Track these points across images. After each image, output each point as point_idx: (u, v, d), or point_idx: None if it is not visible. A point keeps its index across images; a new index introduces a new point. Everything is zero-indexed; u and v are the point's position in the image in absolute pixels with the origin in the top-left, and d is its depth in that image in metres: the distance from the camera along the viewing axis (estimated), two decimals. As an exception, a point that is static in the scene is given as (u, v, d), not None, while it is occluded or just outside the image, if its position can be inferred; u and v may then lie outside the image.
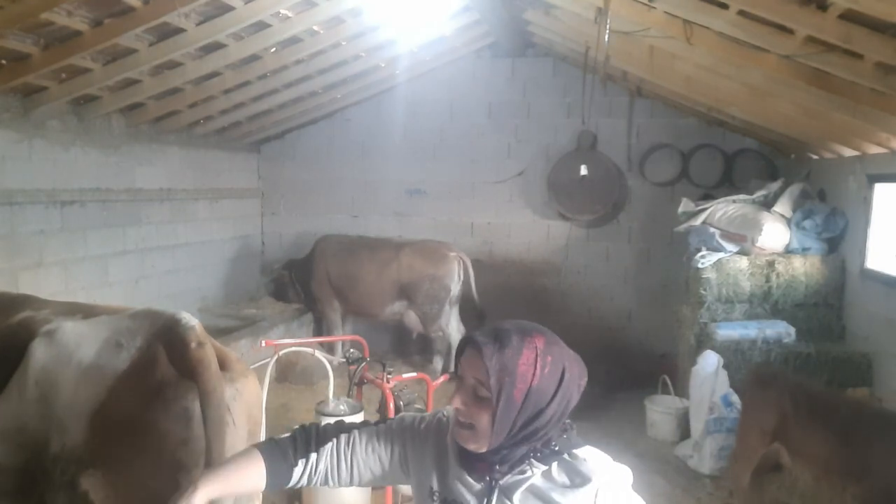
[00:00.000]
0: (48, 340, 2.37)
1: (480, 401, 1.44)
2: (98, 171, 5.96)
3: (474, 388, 1.45)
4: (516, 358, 1.41)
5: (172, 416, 2.25)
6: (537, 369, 1.42)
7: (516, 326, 1.48)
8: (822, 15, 3.42)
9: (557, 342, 1.48)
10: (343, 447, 1.65)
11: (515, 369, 1.41)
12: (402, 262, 7.08)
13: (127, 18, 4.34)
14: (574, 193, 7.65)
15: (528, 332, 1.46)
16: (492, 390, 1.41)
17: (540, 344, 1.44)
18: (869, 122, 4.45)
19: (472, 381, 1.45)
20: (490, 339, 1.44)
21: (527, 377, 1.41)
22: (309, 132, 8.51)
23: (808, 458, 3.66)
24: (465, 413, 1.46)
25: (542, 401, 1.43)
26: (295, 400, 6.50)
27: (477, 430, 1.45)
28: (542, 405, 1.43)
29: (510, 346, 1.42)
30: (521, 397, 1.41)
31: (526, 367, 1.41)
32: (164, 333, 2.34)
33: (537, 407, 1.43)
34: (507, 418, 1.42)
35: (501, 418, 1.41)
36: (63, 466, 2.23)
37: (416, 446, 1.65)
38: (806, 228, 5.76)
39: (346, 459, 1.65)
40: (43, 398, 2.29)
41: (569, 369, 1.45)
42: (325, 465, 1.64)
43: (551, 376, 1.43)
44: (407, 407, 4.44)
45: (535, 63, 7.85)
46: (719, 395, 5.01)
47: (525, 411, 1.42)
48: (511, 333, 1.45)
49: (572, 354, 1.50)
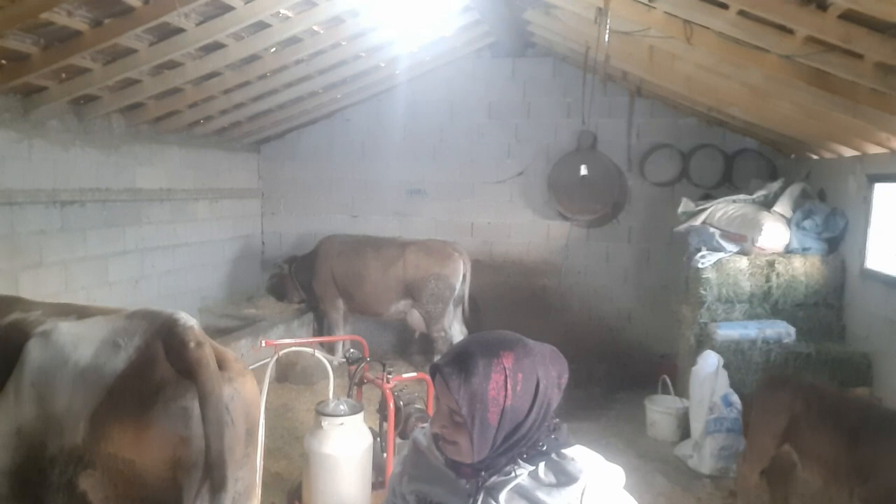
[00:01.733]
0: (44, 341, 2.36)
1: (457, 425, 1.43)
2: (98, 171, 5.96)
3: (450, 413, 1.44)
4: (485, 384, 1.39)
5: (171, 415, 2.25)
6: (508, 390, 1.40)
7: (482, 347, 1.44)
8: (822, 15, 3.42)
9: (528, 352, 1.45)
10: None
11: (486, 395, 1.39)
12: (408, 261, 7.08)
13: (127, 18, 4.34)
14: (574, 193, 7.65)
15: (494, 351, 1.42)
16: (465, 418, 1.40)
17: (508, 363, 1.41)
18: (869, 122, 4.45)
19: (447, 407, 1.44)
20: (455, 369, 1.41)
21: (498, 400, 1.39)
22: (309, 132, 8.52)
23: (817, 459, 3.67)
24: (447, 433, 1.47)
25: (519, 416, 1.42)
26: (295, 400, 6.51)
27: (460, 447, 1.45)
28: (519, 419, 1.42)
29: (476, 374, 1.39)
30: (496, 419, 1.40)
31: (496, 391, 1.39)
32: (163, 333, 2.34)
33: (514, 422, 1.42)
34: (485, 439, 1.41)
35: (479, 440, 1.41)
36: (61, 467, 2.23)
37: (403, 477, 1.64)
38: (806, 228, 5.76)
39: None
40: (40, 399, 2.29)
41: (544, 377, 1.43)
42: None
43: (525, 392, 1.41)
44: (407, 407, 4.45)
45: (535, 63, 7.85)
46: (719, 395, 5.01)
47: (503, 429, 1.42)
48: (476, 359, 1.41)
49: (548, 356, 1.47)
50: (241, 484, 2.50)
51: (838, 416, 3.60)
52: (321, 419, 4.05)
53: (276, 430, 5.55)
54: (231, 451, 2.33)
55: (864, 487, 3.32)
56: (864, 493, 3.32)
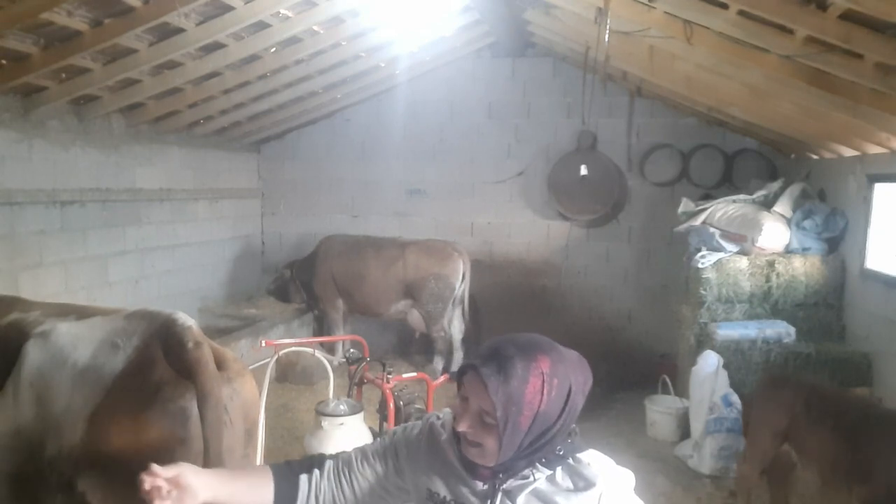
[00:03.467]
0: (42, 342, 2.36)
1: (486, 426, 1.42)
2: (98, 171, 5.96)
3: (479, 414, 1.43)
4: (523, 388, 1.38)
5: (170, 416, 2.25)
6: (544, 395, 1.39)
7: (519, 350, 1.43)
8: (822, 15, 3.41)
9: (562, 357, 1.45)
10: (341, 465, 1.68)
11: (522, 399, 1.38)
12: (408, 261, 7.09)
13: (127, 18, 4.34)
14: (574, 193, 7.65)
15: (532, 355, 1.41)
16: (498, 420, 1.39)
17: (546, 367, 1.40)
18: (869, 122, 4.44)
19: (477, 407, 1.43)
20: (494, 370, 1.39)
21: (534, 405, 1.39)
22: (309, 132, 8.51)
23: (817, 459, 3.67)
24: (472, 434, 1.45)
25: (549, 421, 1.42)
26: (295, 400, 6.50)
27: (484, 449, 1.44)
28: (548, 424, 1.42)
29: (515, 377, 1.38)
30: (528, 423, 1.40)
31: (533, 395, 1.39)
32: (161, 334, 2.34)
33: (544, 427, 1.42)
34: (513, 442, 1.41)
35: (508, 443, 1.41)
36: (60, 468, 2.23)
37: (410, 452, 1.65)
38: (806, 228, 5.75)
39: (346, 476, 1.67)
40: (38, 400, 2.29)
41: (574, 383, 1.43)
42: (327, 484, 1.66)
43: (558, 397, 1.42)
44: (407, 407, 4.45)
45: (535, 63, 7.85)
46: (719, 395, 5.01)
47: (532, 433, 1.42)
48: (515, 361, 1.40)
49: (576, 362, 1.47)
50: (240, 484, 2.49)
51: (838, 415, 3.60)
52: (321, 419, 4.05)
53: (276, 430, 5.55)
54: (230, 451, 2.32)
55: (863, 487, 3.32)
56: (864, 492, 3.32)
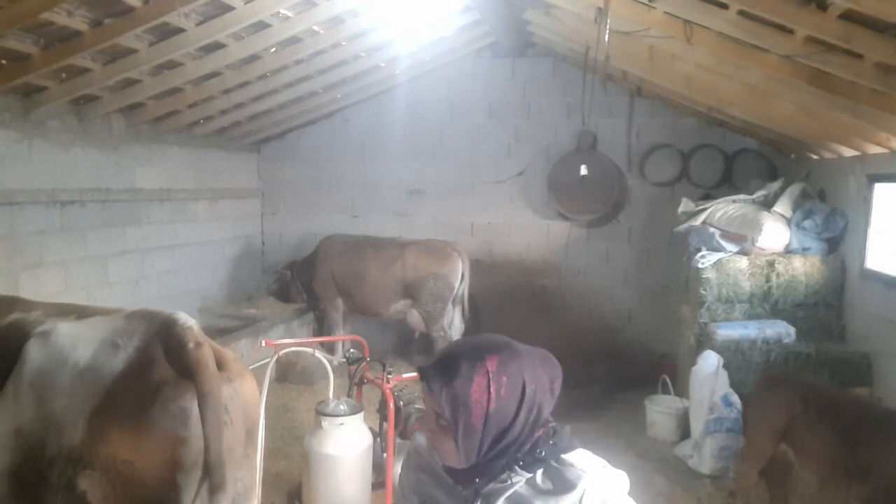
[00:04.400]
0: (43, 342, 2.36)
1: (443, 428, 1.44)
2: (98, 171, 5.96)
3: (435, 417, 1.45)
4: (467, 387, 1.38)
5: (170, 416, 2.25)
6: (491, 393, 1.39)
7: (467, 350, 1.44)
8: (822, 15, 3.41)
9: (515, 356, 1.44)
10: None
11: (468, 399, 1.38)
12: (407, 261, 7.09)
13: (127, 18, 4.33)
14: (574, 193, 7.65)
15: (480, 355, 1.42)
16: (449, 422, 1.41)
17: (492, 366, 1.40)
18: (869, 122, 4.44)
19: (431, 410, 1.45)
20: (437, 372, 1.42)
21: (482, 403, 1.39)
22: (309, 132, 8.51)
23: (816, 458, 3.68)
24: (431, 437, 1.48)
25: (505, 420, 1.41)
26: (295, 400, 6.51)
27: (446, 450, 1.45)
28: (505, 424, 1.41)
29: (459, 377, 1.39)
30: (481, 423, 1.40)
31: (479, 394, 1.38)
32: (162, 334, 2.34)
33: (500, 426, 1.41)
34: (471, 443, 1.41)
35: (465, 444, 1.41)
36: (60, 468, 2.23)
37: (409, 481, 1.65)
38: (806, 228, 5.75)
39: None
40: (39, 400, 2.29)
41: (531, 381, 1.42)
42: None
43: (510, 396, 1.40)
44: (407, 407, 4.45)
45: (535, 63, 7.85)
46: (719, 395, 5.01)
47: (489, 433, 1.41)
48: (460, 361, 1.41)
49: (538, 360, 1.46)
50: (240, 484, 2.50)
51: (836, 415, 3.60)
52: (321, 419, 4.05)
53: (276, 430, 5.55)
54: (230, 451, 2.33)
55: (862, 486, 3.33)
56: (863, 492, 3.32)
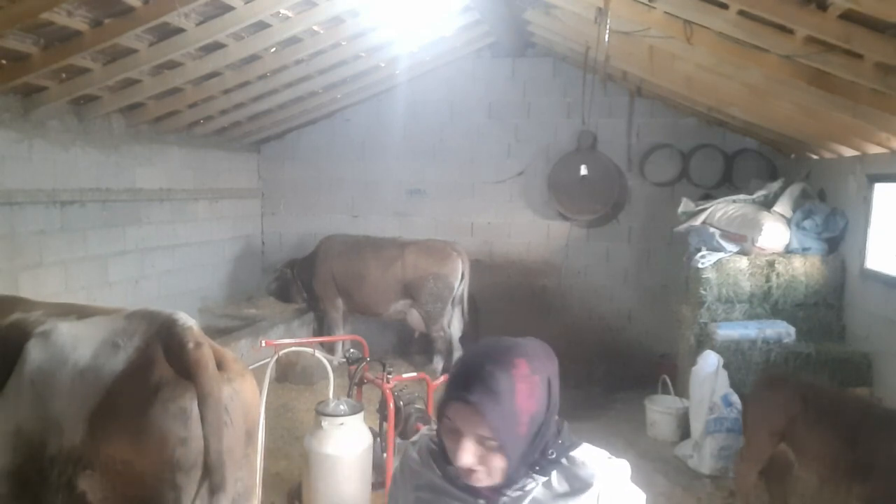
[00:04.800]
0: (43, 341, 2.36)
1: (489, 450, 1.38)
2: (98, 171, 5.96)
3: (478, 441, 1.38)
4: (513, 398, 1.35)
5: (170, 416, 2.25)
6: (532, 397, 1.38)
7: (493, 362, 1.38)
8: (822, 15, 3.41)
9: (531, 353, 1.42)
10: None
11: (515, 409, 1.36)
12: (407, 261, 7.09)
13: (127, 18, 4.34)
14: (574, 193, 7.65)
15: (508, 362, 1.38)
16: (499, 440, 1.35)
17: (524, 370, 1.38)
18: (869, 122, 4.44)
19: (474, 435, 1.38)
20: (481, 393, 1.35)
21: (526, 409, 1.37)
22: (309, 132, 8.51)
23: (815, 458, 3.67)
24: (479, 463, 1.39)
25: (540, 417, 1.40)
26: (295, 400, 6.51)
27: (491, 470, 1.40)
28: (540, 421, 1.41)
29: (504, 391, 1.35)
30: (526, 429, 1.38)
31: (523, 401, 1.37)
32: (162, 334, 2.34)
33: (538, 426, 1.40)
34: (517, 452, 1.39)
35: (513, 455, 1.38)
36: (61, 468, 2.23)
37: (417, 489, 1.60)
38: (806, 228, 5.75)
39: None
40: (39, 399, 2.29)
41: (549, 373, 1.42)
42: None
43: (542, 393, 1.40)
44: (407, 407, 4.45)
45: (535, 63, 7.85)
46: (719, 395, 5.01)
47: (529, 435, 1.40)
48: (495, 374, 1.36)
49: (540, 350, 1.45)
50: (240, 485, 2.50)
51: (836, 415, 3.60)
52: (321, 419, 4.05)
53: (276, 430, 5.55)
54: (230, 451, 2.33)
55: (862, 486, 3.33)
56: (863, 491, 3.32)
